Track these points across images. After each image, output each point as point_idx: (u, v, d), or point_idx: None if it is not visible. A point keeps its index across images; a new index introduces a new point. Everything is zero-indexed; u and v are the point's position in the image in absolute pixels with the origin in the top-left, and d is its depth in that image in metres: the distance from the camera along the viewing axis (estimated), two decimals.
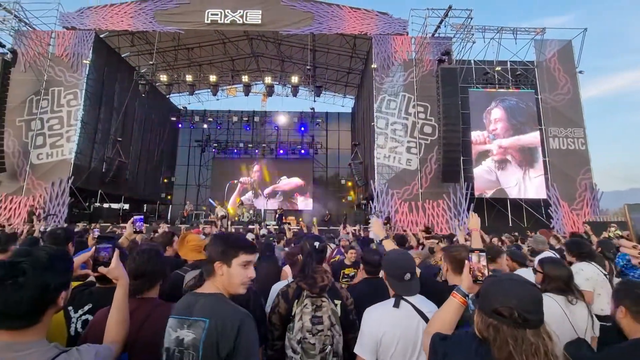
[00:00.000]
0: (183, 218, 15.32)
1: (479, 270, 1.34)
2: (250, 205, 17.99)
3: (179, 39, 16.28)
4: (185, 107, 21.71)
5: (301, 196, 21.82)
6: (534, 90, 13.98)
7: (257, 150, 21.67)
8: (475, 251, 1.39)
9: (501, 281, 1.05)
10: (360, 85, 18.85)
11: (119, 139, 15.78)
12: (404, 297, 1.60)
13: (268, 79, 15.66)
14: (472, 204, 12.74)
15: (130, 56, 17.12)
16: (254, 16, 13.89)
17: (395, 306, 1.58)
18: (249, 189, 21.91)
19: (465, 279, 1.33)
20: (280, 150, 21.81)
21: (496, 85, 14.17)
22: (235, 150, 21.87)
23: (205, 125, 20.90)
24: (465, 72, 13.89)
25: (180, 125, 21.72)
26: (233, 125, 21.24)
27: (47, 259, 1.01)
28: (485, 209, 13.36)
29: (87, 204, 14.47)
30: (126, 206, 17.77)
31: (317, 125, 20.95)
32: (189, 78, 15.44)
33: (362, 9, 14.19)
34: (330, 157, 22.80)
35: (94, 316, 1.50)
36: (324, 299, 1.83)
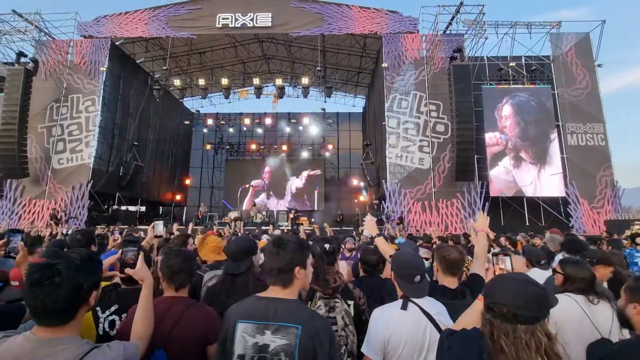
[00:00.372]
0: (197, 219, 15.60)
1: (499, 272, 1.37)
2: (262, 206, 18.16)
3: (192, 43, 16.63)
4: (198, 111, 22.10)
5: (313, 196, 21.89)
6: (550, 86, 13.65)
7: (269, 152, 21.88)
8: (500, 254, 1.41)
9: (502, 279, 1.10)
10: (371, 84, 18.76)
11: (135, 143, 16.23)
12: (411, 299, 1.60)
13: (279, 81, 15.81)
14: (488, 202, 12.52)
15: (144, 62, 17.54)
16: (264, 19, 14.04)
17: (403, 308, 1.58)
18: (261, 191, 22.15)
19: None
20: (292, 151, 21.94)
21: (510, 81, 13.89)
22: (248, 152, 22.14)
23: (217, 128, 21.22)
24: (479, 69, 13.67)
25: (193, 128, 22.14)
26: (245, 128, 21.52)
27: (80, 260, 1.10)
28: (501, 207, 13.12)
29: (106, 206, 14.91)
30: (143, 208, 18.23)
31: (328, 126, 20.98)
32: (201, 82, 15.74)
33: (372, 8, 14.14)
34: (342, 157, 22.81)
35: (127, 314, 1.59)
36: (337, 299, 1.84)
